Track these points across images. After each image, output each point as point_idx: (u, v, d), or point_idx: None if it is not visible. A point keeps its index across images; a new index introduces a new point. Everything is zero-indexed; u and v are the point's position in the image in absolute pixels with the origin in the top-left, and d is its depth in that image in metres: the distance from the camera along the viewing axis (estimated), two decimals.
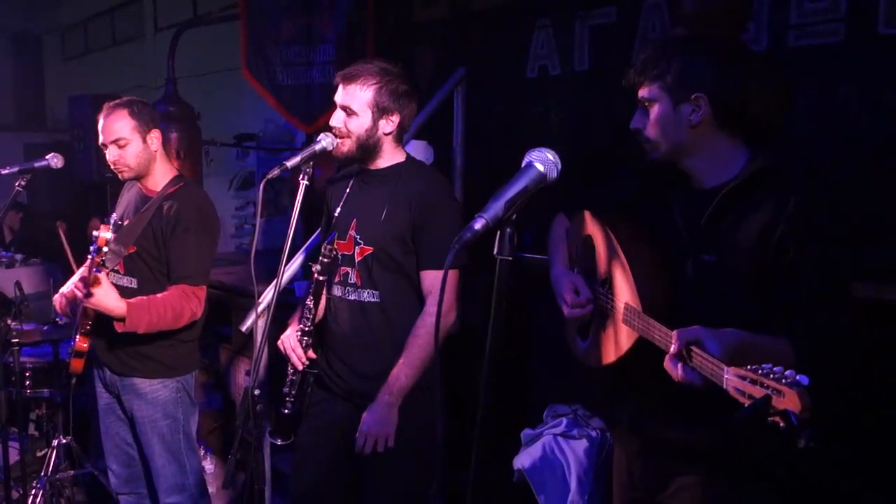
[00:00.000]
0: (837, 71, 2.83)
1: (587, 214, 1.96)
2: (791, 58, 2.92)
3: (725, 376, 1.41)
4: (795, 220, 1.64)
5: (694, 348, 1.52)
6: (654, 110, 1.78)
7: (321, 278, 2.36)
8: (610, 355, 1.80)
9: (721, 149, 1.77)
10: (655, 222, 1.83)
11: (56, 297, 2.93)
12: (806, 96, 2.89)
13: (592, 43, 3.72)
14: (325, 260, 2.36)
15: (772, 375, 1.32)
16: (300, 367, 2.41)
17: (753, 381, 1.35)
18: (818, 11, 2.88)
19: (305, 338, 2.41)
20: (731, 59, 1.77)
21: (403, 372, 2.24)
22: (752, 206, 1.70)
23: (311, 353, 2.42)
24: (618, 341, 1.77)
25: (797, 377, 1.30)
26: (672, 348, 1.55)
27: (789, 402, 1.28)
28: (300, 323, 2.42)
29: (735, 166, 1.75)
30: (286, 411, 2.42)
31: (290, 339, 2.42)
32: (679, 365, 1.54)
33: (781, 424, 1.28)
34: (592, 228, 1.92)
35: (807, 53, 2.89)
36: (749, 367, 1.37)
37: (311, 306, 2.38)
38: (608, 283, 1.82)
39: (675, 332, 1.55)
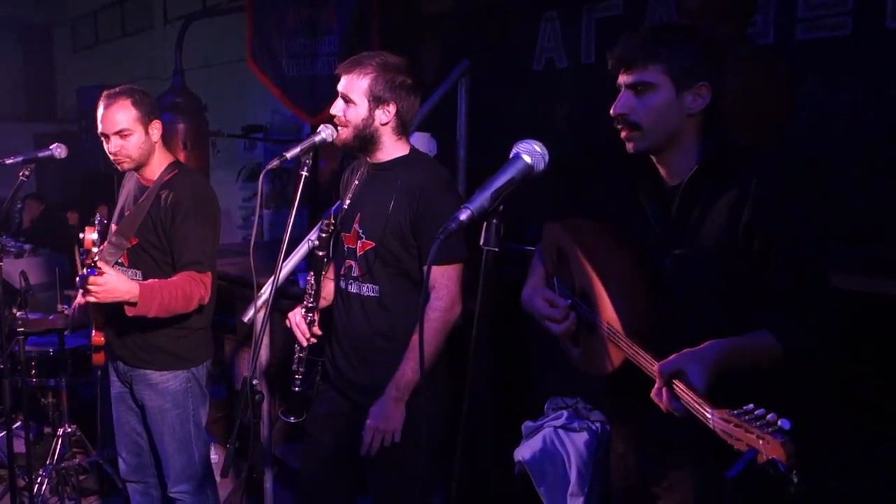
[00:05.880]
0: (844, 65, 2.82)
1: (558, 226, 1.91)
2: (798, 51, 2.91)
3: (712, 420, 1.41)
4: (760, 204, 1.62)
5: (676, 383, 1.51)
6: (655, 96, 1.68)
7: (320, 254, 2.38)
8: (605, 368, 1.77)
9: (690, 140, 1.73)
10: (629, 224, 1.80)
11: (71, 312, 2.87)
12: (812, 90, 2.88)
13: (599, 36, 3.71)
14: (323, 234, 2.39)
15: (756, 423, 1.31)
16: (305, 344, 2.43)
17: (738, 426, 1.34)
18: (825, 5, 2.86)
19: (309, 314, 2.43)
20: (732, 51, 1.73)
21: (410, 367, 2.24)
22: (715, 194, 1.68)
23: (315, 330, 2.42)
24: (610, 357, 1.74)
25: (779, 422, 1.28)
26: (656, 384, 1.55)
27: (773, 450, 1.27)
28: (304, 300, 2.44)
29: (695, 158, 1.73)
30: (296, 389, 2.42)
31: (295, 316, 2.44)
32: (665, 397, 1.54)
33: (771, 471, 1.27)
34: (564, 241, 1.87)
35: (814, 47, 2.88)
36: (734, 411, 1.36)
37: (313, 282, 2.40)
38: (587, 297, 1.78)
39: (656, 368, 1.54)
